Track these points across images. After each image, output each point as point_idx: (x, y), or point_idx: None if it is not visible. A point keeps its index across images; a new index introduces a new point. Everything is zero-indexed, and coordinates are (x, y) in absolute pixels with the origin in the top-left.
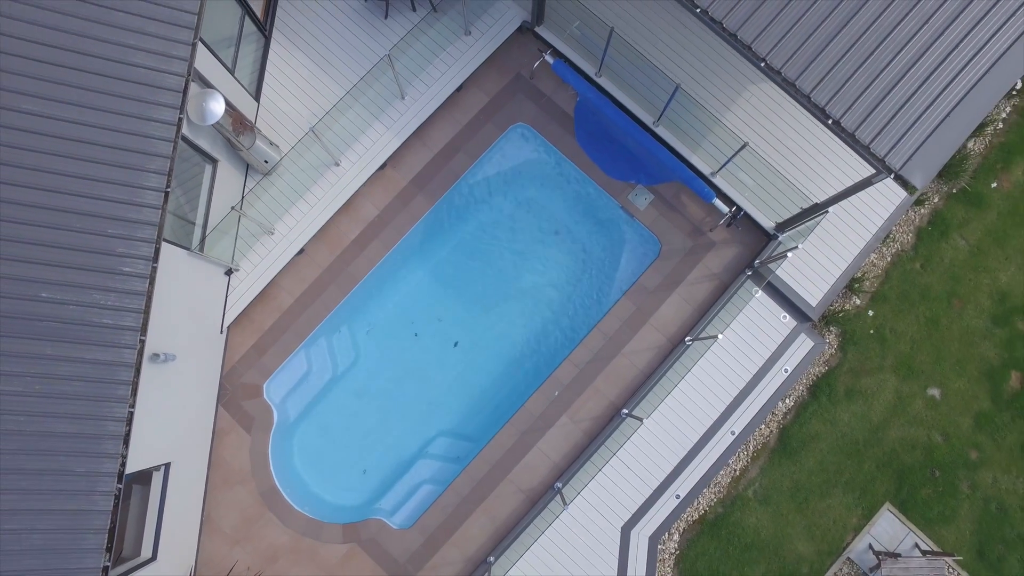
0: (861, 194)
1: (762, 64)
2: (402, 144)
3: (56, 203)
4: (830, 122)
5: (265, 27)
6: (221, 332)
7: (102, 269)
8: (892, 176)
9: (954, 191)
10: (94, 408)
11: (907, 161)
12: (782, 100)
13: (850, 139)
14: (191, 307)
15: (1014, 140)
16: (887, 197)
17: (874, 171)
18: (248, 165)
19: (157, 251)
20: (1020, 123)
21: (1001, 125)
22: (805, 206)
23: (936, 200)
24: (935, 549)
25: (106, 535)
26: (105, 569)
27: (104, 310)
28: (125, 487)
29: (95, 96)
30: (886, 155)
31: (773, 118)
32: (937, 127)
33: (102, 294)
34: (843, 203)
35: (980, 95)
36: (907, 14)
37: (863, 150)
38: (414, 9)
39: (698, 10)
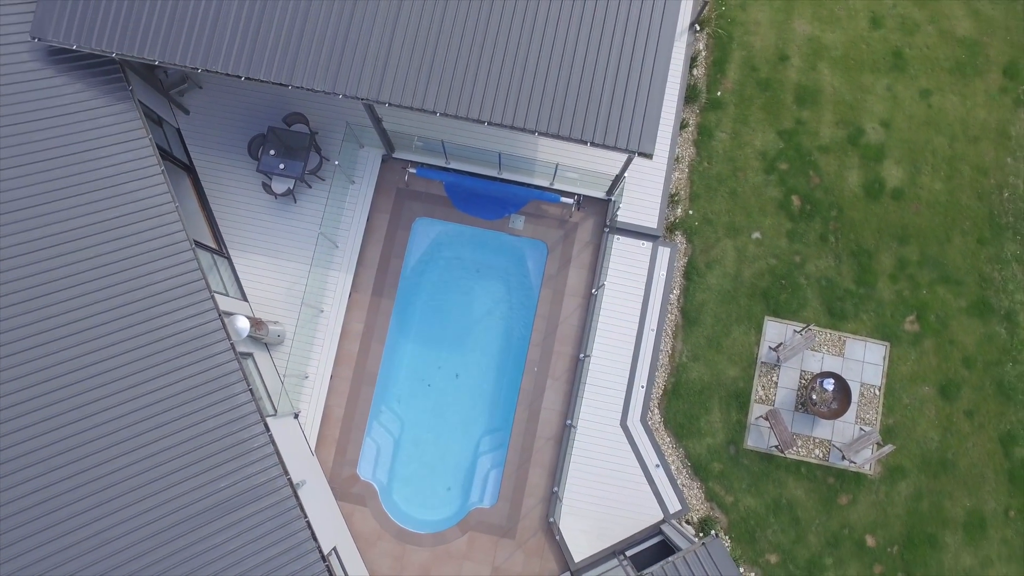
0: None
1: (535, 133)
2: (353, 274)
3: (199, 431)
4: (588, 143)
5: (222, 250)
6: (312, 455)
7: (244, 453)
8: (637, 154)
9: (700, 108)
10: (285, 532)
11: (640, 141)
12: None
13: (604, 147)
14: (291, 448)
15: (718, 56)
16: (658, 145)
17: (627, 155)
18: (267, 344)
19: (266, 425)
20: (715, 45)
21: (704, 52)
22: (611, 179)
23: (695, 118)
24: (802, 326)
25: None
26: None
27: (259, 474)
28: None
29: (184, 369)
30: (626, 146)
31: None
32: (644, 115)
33: (252, 466)
34: (636, 161)
35: (657, 80)
36: (585, 58)
37: (614, 149)
38: (310, 186)
39: (485, 123)
